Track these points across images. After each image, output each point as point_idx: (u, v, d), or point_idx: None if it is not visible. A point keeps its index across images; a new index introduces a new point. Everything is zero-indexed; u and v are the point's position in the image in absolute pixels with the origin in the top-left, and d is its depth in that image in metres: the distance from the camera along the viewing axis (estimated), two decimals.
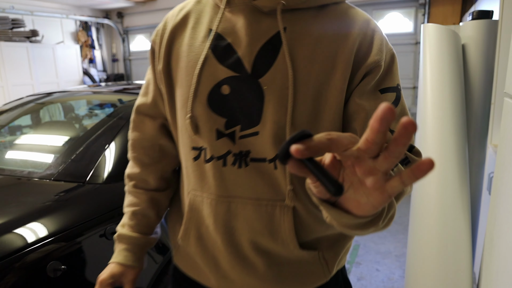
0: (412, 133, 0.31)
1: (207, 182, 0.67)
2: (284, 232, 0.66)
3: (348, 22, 0.64)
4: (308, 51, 0.62)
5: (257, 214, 0.66)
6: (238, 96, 0.63)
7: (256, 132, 0.63)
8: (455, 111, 1.44)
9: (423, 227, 1.42)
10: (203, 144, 0.66)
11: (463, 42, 1.53)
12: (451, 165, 1.40)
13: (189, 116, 0.65)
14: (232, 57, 0.63)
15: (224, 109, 0.64)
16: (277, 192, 0.65)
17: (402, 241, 2.71)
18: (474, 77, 1.52)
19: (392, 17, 4.39)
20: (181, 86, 0.67)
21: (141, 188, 0.78)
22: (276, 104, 0.61)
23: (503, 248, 0.88)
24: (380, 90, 0.65)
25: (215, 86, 0.64)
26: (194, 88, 0.64)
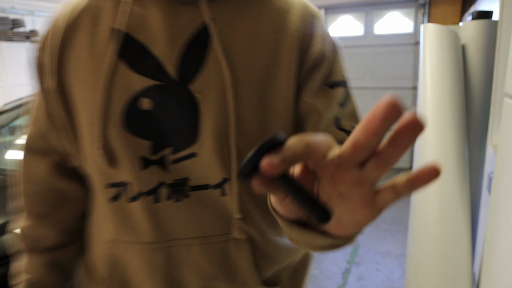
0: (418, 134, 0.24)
1: (134, 227, 0.52)
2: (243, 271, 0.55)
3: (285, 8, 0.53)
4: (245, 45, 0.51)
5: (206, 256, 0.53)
6: (163, 111, 0.49)
7: (193, 153, 0.50)
8: (455, 111, 1.45)
9: (423, 227, 1.43)
10: (125, 178, 0.51)
11: (463, 42, 1.54)
12: (451, 165, 1.40)
13: (101, 144, 0.50)
14: (148, 62, 0.49)
15: (146, 129, 0.50)
16: (228, 224, 0.53)
17: (402, 241, 2.71)
18: (474, 77, 1.52)
19: (392, 17, 4.38)
20: (84, 107, 0.51)
21: (36, 248, 0.60)
22: (215, 114, 0.49)
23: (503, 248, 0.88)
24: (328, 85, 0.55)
25: (131, 101, 0.49)
26: (102, 107, 0.49)
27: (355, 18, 4.53)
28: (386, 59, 4.44)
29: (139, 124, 0.50)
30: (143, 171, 0.50)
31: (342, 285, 2.21)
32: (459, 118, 1.45)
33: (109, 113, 0.49)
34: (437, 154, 1.43)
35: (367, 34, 4.50)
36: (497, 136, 1.66)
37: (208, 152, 0.50)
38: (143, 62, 0.49)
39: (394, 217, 3.17)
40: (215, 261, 0.54)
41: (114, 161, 0.50)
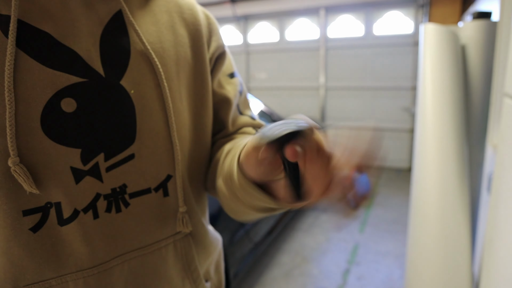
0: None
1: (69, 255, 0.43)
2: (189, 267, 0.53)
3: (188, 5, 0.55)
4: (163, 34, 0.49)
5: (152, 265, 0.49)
6: (91, 111, 0.43)
7: (131, 155, 0.46)
8: (454, 111, 1.45)
9: (423, 227, 1.43)
10: (52, 197, 0.41)
11: (462, 43, 1.54)
12: (450, 165, 1.40)
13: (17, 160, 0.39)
14: (63, 55, 0.42)
15: (73, 135, 0.42)
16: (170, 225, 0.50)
17: (402, 241, 2.71)
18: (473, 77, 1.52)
19: (392, 17, 4.39)
20: None
21: None
22: (151, 109, 0.47)
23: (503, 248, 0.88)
24: (229, 75, 0.59)
25: (50, 103, 0.41)
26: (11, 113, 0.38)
27: (355, 18, 4.53)
28: (386, 59, 4.44)
29: (62, 129, 0.41)
30: (76, 186, 0.42)
31: (342, 285, 2.21)
32: (459, 118, 1.45)
33: (23, 120, 0.39)
34: (436, 154, 1.43)
35: (367, 34, 4.51)
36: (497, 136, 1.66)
37: (149, 151, 0.47)
38: (56, 55, 0.41)
39: (394, 217, 3.17)
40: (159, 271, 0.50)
41: (37, 179, 0.40)
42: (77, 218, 0.43)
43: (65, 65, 0.42)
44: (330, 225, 3.04)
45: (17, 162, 0.39)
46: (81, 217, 0.43)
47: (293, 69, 5.03)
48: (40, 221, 0.41)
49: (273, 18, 5.03)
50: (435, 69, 1.49)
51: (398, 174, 4.38)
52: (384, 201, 3.53)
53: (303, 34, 4.90)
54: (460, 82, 1.49)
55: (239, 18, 5.16)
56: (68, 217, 0.42)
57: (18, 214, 0.40)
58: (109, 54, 0.44)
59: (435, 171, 1.41)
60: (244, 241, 1.92)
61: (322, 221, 3.12)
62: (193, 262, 0.54)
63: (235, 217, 0.53)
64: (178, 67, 0.51)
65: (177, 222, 0.51)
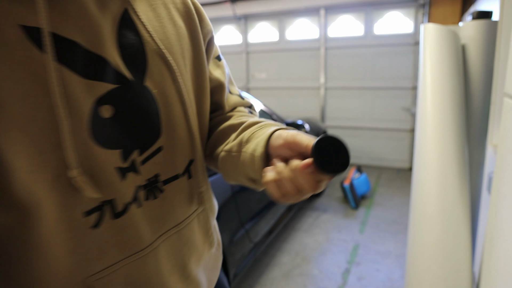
0: None
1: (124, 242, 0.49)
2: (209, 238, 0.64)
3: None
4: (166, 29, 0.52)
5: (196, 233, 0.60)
6: (126, 115, 0.47)
7: (160, 147, 0.51)
8: (455, 111, 1.45)
9: (423, 227, 1.43)
10: (106, 196, 0.46)
11: (463, 42, 1.54)
12: (451, 165, 1.40)
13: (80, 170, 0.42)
14: (95, 64, 0.43)
15: (113, 138, 0.46)
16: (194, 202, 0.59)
17: (402, 241, 2.71)
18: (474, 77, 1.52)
19: (392, 17, 4.39)
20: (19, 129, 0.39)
21: None
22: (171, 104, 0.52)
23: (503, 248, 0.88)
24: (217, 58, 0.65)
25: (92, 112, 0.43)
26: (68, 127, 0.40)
27: (355, 18, 4.53)
28: (386, 59, 4.44)
29: (105, 135, 0.45)
30: (121, 182, 0.47)
31: (342, 285, 2.21)
32: (459, 118, 1.45)
33: (75, 131, 0.41)
34: (437, 154, 1.43)
35: (367, 34, 4.50)
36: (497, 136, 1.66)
37: (173, 141, 0.53)
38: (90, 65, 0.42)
39: (394, 217, 3.17)
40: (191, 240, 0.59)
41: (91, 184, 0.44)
42: (126, 210, 0.48)
43: (99, 73, 0.43)
44: (330, 225, 3.04)
45: (81, 172, 0.42)
46: (129, 209, 0.49)
47: (293, 69, 5.03)
48: (99, 219, 0.46)
49: (273, 18, 5.02)
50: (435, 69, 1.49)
51: (398, 174, 4.37)
52: (384, 201, 3.53)
53: (303, 34, 4.90)
54: (461, 82, 1.49)
55: (239, 18, 5.15)
56: (120, 211, 0.48)
57: (79, 217, 0.45)
58: (129, 57, 0.47)
59: (435, 171, 1.41)
60: (244, 241, 1.92)
61: (322, 221, 3.12)
62: (210, 229, 0.64)
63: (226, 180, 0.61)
64: (184, 60, 0.55)
65: (199, 199, 0.59)
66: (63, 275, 0.45)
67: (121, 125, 0.46)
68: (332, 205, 3.46)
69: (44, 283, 0.45)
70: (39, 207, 0.42)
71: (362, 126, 4.73)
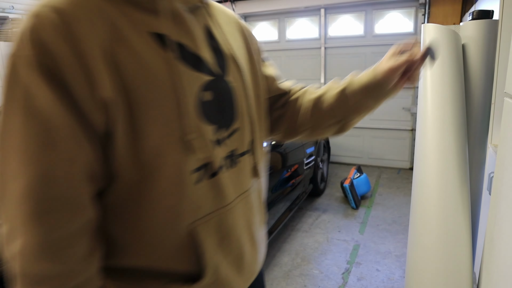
0: None
1: (217, 196, 0.62)
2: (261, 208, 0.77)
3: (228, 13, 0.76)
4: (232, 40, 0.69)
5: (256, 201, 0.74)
6: (218, 99, 0.62)
7: (237, 128, 0.66)
8: (455, 111, 1.44)
9: (423, 227, 1.42)
10: (206, 160, 0.59)
11: (463, 42, 1.53)
12: (451, 165, 1.40)
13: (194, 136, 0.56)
14: (197, 61, 0.59)
15: (210, 116, 0.60)
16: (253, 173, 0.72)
17: (402, 241, 2.71)
18: (474, 77, 1.52)
19: (392, 17, 4.38)
20: (155, 105, 0.53)
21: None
22: (241, 96, 0.67)
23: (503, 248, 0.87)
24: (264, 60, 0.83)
25: (199, 95, 0.58)
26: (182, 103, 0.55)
27: (355, 18, 4.53)
28: None
29: (206, 112, 0.59)
30: (215, 150, 0.61)
31: (342, 285, 2.21)
32: (459, 118, 1.45)
33: (187, 108, 0.56)
34: (437, 154, 1.42)
35: (367, 34, 4.50)
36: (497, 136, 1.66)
37: (243, 124, 0.67)
38: (195, 61, 0.59)
39: (394, 217, 3.17)
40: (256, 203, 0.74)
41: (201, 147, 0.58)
42: (218, 172, 0.61)
43: (200, 68, 0.59)
44: (330, 225, 3.04)
45: (196, 136, 0.57)
46: (219, 172, 0.62)
47: (293, 69, 5.02)
48: (201, 177, 0.59)
49: (273, 17, 5.02)
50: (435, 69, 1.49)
51: (398, 174, 4.37)
52: (384, 201, 3.53)
53: (303, 33, 4.89)
54: (461, 81, 1.49)
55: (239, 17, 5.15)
56: (214, 172, 0.61)
57: (188, 174, 0.57)
58: (216, 58, 0.63)
59: (436, 171, 1.41)
60: None
61: (322, 221, 3.11)
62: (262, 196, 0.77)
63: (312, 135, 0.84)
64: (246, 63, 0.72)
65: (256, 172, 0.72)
66: (171, 222, 0.57)
67: (216, 107, 0.61)
68: (332, 205, 3.46)
69: (155, 229, 0.57)
70: (162, 165, 0.55)
71: (362, 126, 4.73)
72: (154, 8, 0.55)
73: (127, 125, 0.52)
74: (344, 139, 4.85)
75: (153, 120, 0.53)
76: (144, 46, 0.53)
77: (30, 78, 0.47)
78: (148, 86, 0.52)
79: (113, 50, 0.50)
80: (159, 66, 0.53)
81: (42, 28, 0.47)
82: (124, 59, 0.51)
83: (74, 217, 0.50)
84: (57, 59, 0.47)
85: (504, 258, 0.86)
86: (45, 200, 0.47)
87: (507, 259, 0.84)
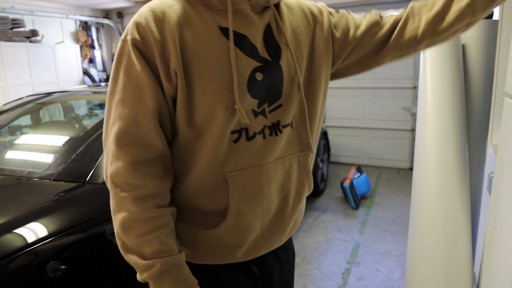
0: None
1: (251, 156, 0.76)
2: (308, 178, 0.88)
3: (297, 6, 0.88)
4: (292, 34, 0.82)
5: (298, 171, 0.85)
6: (267, 80, 0.77)
7: (280, 104, 0.79)
8: (455, 111, 1.44)
9: (423, 227, 1.42)
10: (244, 125, 0.75)
11: (463, 42, 1.53)
12: (451, 165, 1.40)
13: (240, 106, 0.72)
14: (252, 49, 0.75)
15: (257, 92, 0.76)
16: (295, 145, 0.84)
17: (402, 241, 2.71)
18: (474, 77, 1.52)
19: None
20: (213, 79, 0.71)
21: (162, 206, 0.72)
22: (290, 79, 0.80)
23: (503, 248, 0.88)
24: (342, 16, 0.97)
25: (251, 75, 0.75)
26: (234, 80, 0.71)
27: None
28: None
29: (253, 89, 0.75)
30: (255, 119, 0.76)
31: (342, 285, 2.21)
32: (459, 118, 1.45)
33: (240, 84, 0.72)
34: (437, 154, 1.42)
35: None
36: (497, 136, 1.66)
37: (287, 102, 0.80)
38: (251, 49, 0.74)
39: (394, 217, 3.17)
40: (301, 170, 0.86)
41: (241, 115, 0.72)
42: (254, 137, 0.76)
43: (253, 55, 0.75)
44: (330, 225, 3.04)
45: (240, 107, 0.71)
46: (256, 137, 0.76)
47: None
48: (238, 138, 0.74)
49: None
50: (435, 69, 1.49)
51: (398, 174, 4.37)
52: (384, 201, 3.53)
53: None
54: (461, 82, 1.49)
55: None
56: (251, 136, 0.76)
57: (229, 134, 0.73)
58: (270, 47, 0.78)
59: (436, 171, 1.41)
60: None
61: (322, 221, 3.11)
62: (309, 172, 0.88)
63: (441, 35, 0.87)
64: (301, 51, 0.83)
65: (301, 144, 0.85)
66: (213, 170, 0.74)
67: (263, 86, 0.76)
68: (332, 205, 3.46)
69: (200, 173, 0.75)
70: (210, 127, 0.72)
71: (362, 126, 4.73)
72: (224, 9, 0.73)
73: (186, 93, 0.70)
74: (344, 139, 4.85)
75: (208, 91, 0.70)
76: (210, 35, 0.71)
77: (130, 54, 0.69)
78: (204, 66, 0.70)
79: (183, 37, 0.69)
80: (220, 51, 0.71)
81: (140, 22, 0.69)
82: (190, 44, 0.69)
83: (151, 150, 0.70)
84: (147, 44, 0.68)
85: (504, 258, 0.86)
86: (132, 137, 0.68)
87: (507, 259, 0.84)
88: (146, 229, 0.68)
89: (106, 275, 1.16)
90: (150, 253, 0.67)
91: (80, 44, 5.72)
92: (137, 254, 0.68)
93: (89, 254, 1.15)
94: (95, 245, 1.17)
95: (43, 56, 4.83)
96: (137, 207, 0.68)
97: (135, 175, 0.68)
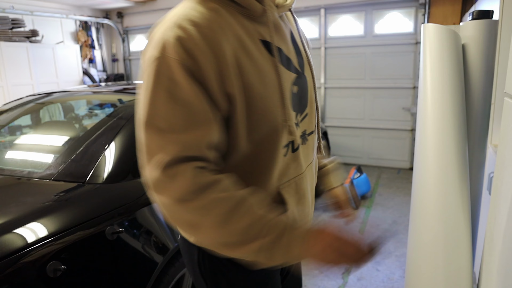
0: None
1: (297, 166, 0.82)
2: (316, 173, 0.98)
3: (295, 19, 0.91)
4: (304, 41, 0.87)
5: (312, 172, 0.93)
6: (300, 92, 0.81)
7: (307, 113, 0.84)
8: (455, 111, 1.44)
9: (423, 227, 1.42)
10: (292, 138, 0.78)
11: (463, 42, 1.53)
12: (451, 165, 1.40)
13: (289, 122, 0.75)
14: (289, 62, 0.77)
15: (295, 105, 0.79)
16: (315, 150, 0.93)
17: (402, 241, 2.71)
18: (474, 77, 1.52)
19: (392, 17, 4.38)
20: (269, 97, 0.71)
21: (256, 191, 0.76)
22: (311, 89, 0.85)
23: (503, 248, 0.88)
24: None
25: (291, 89, 0.77)
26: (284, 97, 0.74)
27: (355, 18, 4.52)
28: (386, 59, 4.44)
29: (293, 102, 0.78)
30: (296, 131, 0.79)
31: (342, 285, 2.21)
32: (459, 118, 1.45)
33: (286, 100, 0.74)
34: (437, 154, 1.42)
35: (367, 34, 4.50)
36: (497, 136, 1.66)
37: (311, 110, 0.85)
38: (287, 62, 0.76)
39: (394, 217, 3.17)
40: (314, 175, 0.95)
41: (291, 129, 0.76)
42: (298, 148, 0.81)
43: (290, 67, 0.77)
44: None
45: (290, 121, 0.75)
46: (299, 148, 0.81)
47: None
48: (287, 151, 0.78)
49: None
50: (435, 69, 1.49)
51: (398, 174, 4.37)
52: (384, 201, 3.53)
53: None
54: (461, 82, 1.49)
55: None
56: (296, 148, 0.80)
57: (281, 149, 0.76)
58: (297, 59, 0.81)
59: (436, 171, 1.41)
60: None
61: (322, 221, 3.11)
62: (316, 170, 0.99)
63: None
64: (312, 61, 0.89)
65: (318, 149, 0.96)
66: (265, 183, 0.77)
67: (297, 97, 0.79)
68: None
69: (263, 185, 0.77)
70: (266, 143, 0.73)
71: (362, 126, 4.73)
72: (264, 20, 0.72)
73: (245, 114, 0.69)
74: (344, 139, 4.85)
75: (264, 111, 0.71)
76: (258, 52, 0.70)
77: (173, 75, 0.62)
78: (262, 85, 0.70)
79: (238, 56, 0.66)
80: (269, 69, 0.71)
81: (185, 38, 0.62)
82: (246, 64, 0.67)
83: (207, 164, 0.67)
84: (199, 63, 0.62)
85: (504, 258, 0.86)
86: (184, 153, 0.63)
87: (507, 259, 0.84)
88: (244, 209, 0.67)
89: (106, 275, 1.16)
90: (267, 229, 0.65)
91: (80, 44, 5.72)
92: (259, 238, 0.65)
93: (89, 254, 1.15)
94: (95, 245, 1.17)
95: (43, 56, 4.83)
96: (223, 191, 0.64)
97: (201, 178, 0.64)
